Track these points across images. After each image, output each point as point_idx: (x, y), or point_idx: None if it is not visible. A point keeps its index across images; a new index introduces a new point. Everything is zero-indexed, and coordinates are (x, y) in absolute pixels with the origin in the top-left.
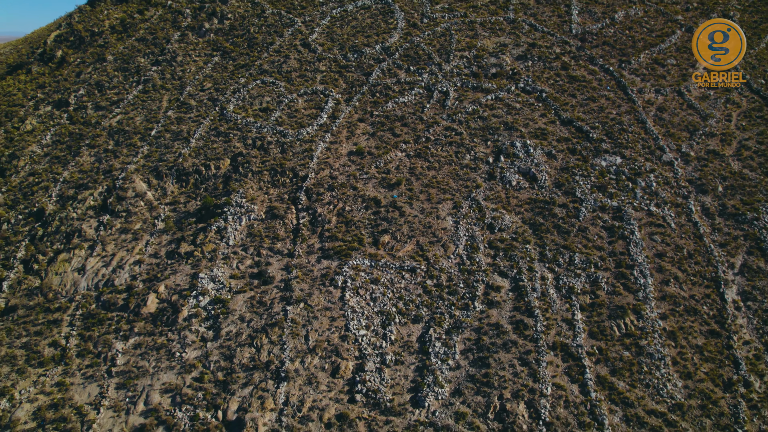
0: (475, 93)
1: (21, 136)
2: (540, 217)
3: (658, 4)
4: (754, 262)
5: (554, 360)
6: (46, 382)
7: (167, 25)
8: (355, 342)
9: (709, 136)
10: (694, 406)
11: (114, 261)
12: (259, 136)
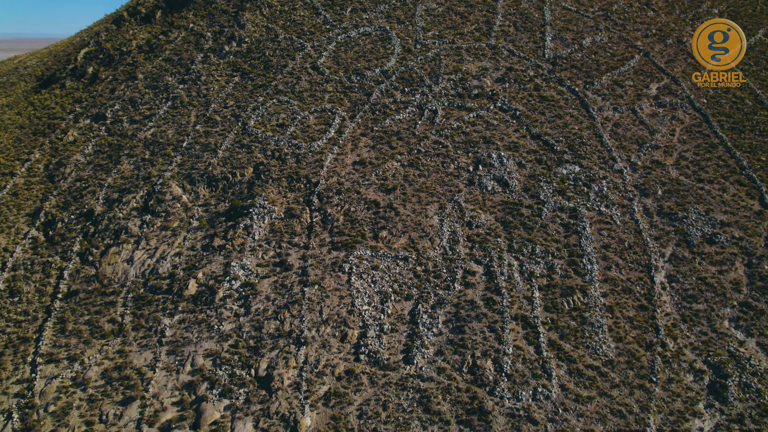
0: (459, 111)
1: (65, 146)
2: (509, 216)
3: (621, 30)
4: (680, 252)
5: (515, 328)
6: (109, 350)
7: (191, 47)
8: (359, 315)
9: (654, 148)
10: (622, 362)
11: (157, 253)
12: (277, 148)
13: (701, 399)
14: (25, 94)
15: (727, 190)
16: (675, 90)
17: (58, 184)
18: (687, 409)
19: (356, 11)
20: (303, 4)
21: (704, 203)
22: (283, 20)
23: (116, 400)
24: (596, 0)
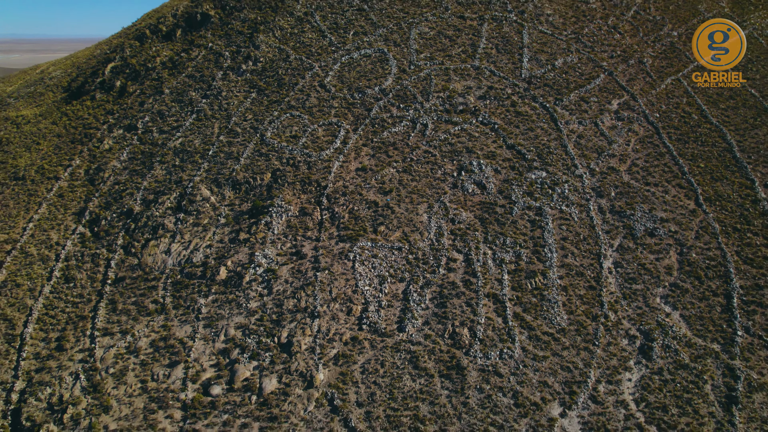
0: (446, 125)
1: (102, 153)
2: (486, 214)
3: (590, 52)
4: (626, 243)
5: (488, 303)
6: (154, 325)
7: (211, 65)
8: (362, 294)
9: (611, 157)
10: (572, 330)
11: (191, 245)
12: (291, 157)
13: (632, 357)
14: (57, 105)
15: (669, 192)
16: (633, 105)
17: (99, 187)
18: (620, 365)
19: (358, 34)
20: (311, 27)
21: (649, 203)
22: (294, 42)
23: (164, 363)
24: (569, 24)
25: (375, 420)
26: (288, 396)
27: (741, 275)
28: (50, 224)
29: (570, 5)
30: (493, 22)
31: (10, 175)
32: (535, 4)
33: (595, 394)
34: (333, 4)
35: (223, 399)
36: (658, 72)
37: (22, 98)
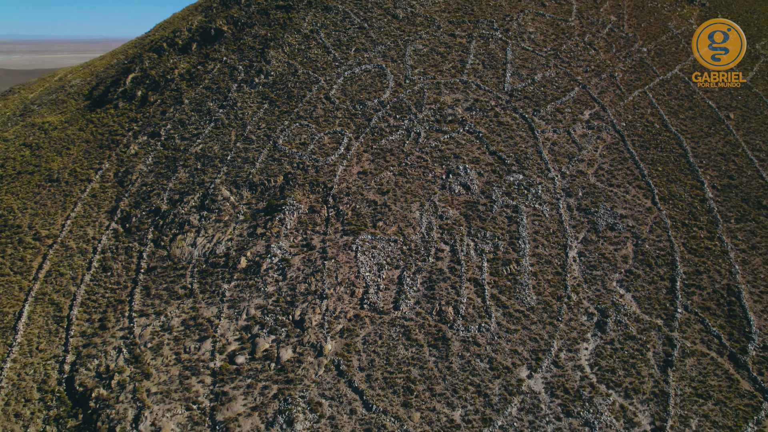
0: (436, 134)
1: (128, 158)
2: (470, 211)
3: (566, 67)
4: (589, 236)
5: (469, 286)
6: (184, 307)
7: (226, 78)
8: (363, 279)
9: (580, 161)
10: (539, 308)
11: (214, 239)
12: (300, 162)
13: (589, 331)
14: (81, 112)
15: (629, 192)
16: (602, 116)
17: (128, 188)
18: (579, 337)
19: (359, 51)
20: (316, 43)
21: (611, 202)
22: (301, 57)
23: (194, 338)
24: (549, 41)
25: (374, 381)
26: (301, 363)
27: (685, 263)
28: (86, 221)
29: (551, 23)
30: (481, 40)
31: (45, 178)
32: (519, 23)
33: (556, 360)
34: (336, 22)
35: (247, 366)
36: (627, 85)
37: (45, 105)
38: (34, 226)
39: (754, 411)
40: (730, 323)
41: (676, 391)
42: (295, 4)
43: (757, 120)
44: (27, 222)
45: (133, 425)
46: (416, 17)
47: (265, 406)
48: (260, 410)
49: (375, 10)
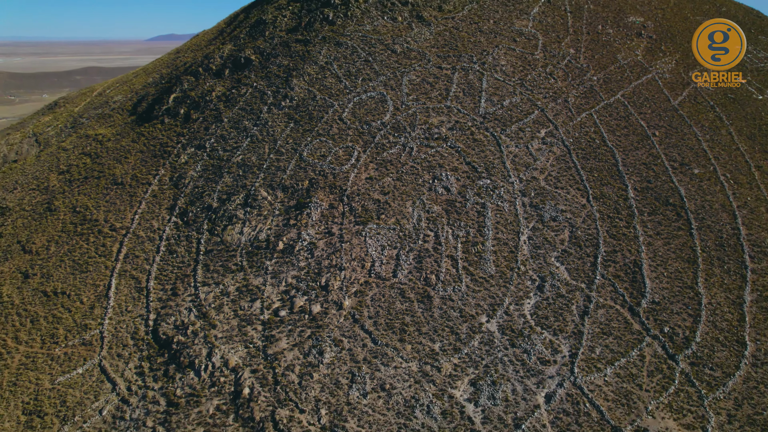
0: (426, 148)
1: (180, 165)
2: (449, 207)
3: (530, 94)
4: (537, 225)
5: (447, 261)
6: (237, 278)
7: (257, 101)
8: (370, 256)
9: (534, 170)
10: (497, 275)
11: (257, 228)
12: (321, 170)
13: (532, 291)
14: (130, 126)
15: (570, 192)
16: (555, 134)
17: (183, 189)
18: (524, 296)
19: (365, 80)
20: (331, 73)
21: (555, 200)
22: (318, 85)
23: (247, 300)
24: (517, 72)
25: (379, 325)
26: (327, 314)
27: (606, 245)
28: (150, 216)
29: (520, 56)
30: (462, 71)
31: (110, 181)
32: (494, 57)
33: (507, 311)
34: (346, 55)
35: (287, 318)
36: (577, 108)
37: (93, 119)
38: (109, 220)
39: (638, 342)
40: (632, 286)
41: (589, 330)
42: (311, 38)
43: (676, 136)
44: (102, 217)
45: (208, 359)
46: (411, 52)
47: (302, 343)
48: (299, 346)
49: (377, 45)
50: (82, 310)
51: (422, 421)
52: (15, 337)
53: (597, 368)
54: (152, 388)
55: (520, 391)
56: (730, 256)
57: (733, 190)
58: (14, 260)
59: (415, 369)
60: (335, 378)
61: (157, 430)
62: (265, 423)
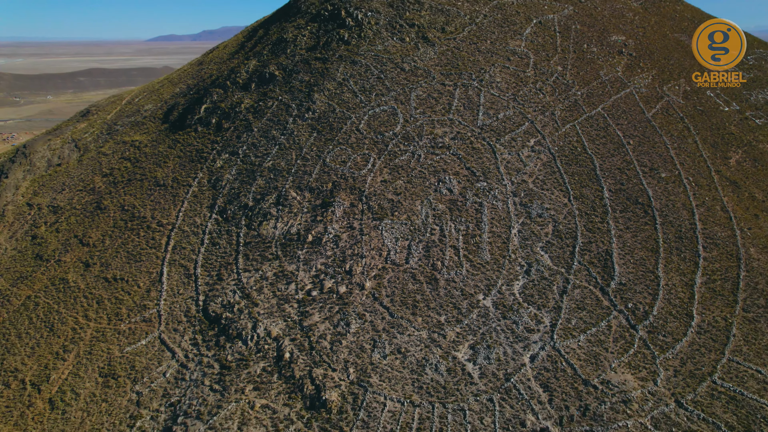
0: (431, 156)
1: (216, 169)
2: (452, 206)
3: (521, 108)
4: (525, 220)
5: (450, 250)
6: (273, 265)
7: (283, 113)
8: (386, 246)
9: (524, 174)
10: (492, 262)
11: (289, 224)
12: (342, 174)
13: (520, 274)
14: (164, 134)
15: (554, 193)
16: (542, 143)
17: (221, 191)
18: (514, 278)
19: (378, 95)
20: (348, 89)
21: (541, 200)
22: (337, 99)
23: (283, 283)
24: (510, 87)
25: (395, 302)
26: (351, 294)
27: (583, 237)
28: (193, 213)
29: (513, 74)
30: (463, 88)
31: (153, 183)
32: (490, 74)
33: (500, 290)
34: (361, 73)
35: (318, 297)
36: (562, 120)
37: (127, 126)
38: (156, 217)
39: (607, 315)
40: (603, 271)
41: (566, 306)
42: (329, 57)
43: (648, 145)
44: (149, 214)
45: (253, 331)
46: (417, 70)
47: (332, 317)
48: (329, 319)
49: (388, 64)
50: (139, 293)
51: (431, 377)
52: (85, 315)
53: (572, 335)
54: (206, 355)
55: (509, 353)
56: (687, 247)
57: (694, 191)
58: (74, 252)
59: (425, 336)
60: (360, 344)
61: (213, 387)
62: (304, 380)
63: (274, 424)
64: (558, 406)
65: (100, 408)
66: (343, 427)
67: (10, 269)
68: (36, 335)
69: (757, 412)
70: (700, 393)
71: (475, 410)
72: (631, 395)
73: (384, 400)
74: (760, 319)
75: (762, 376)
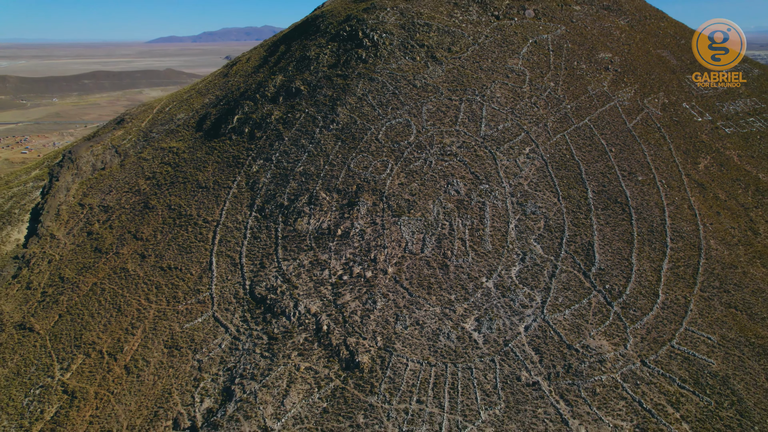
0: (441, 162)
1: (253, 174)
2: (459, 205)
3: (518, 120)
4: (521, 217)
5: (459, 241)
6: (309, 255)
7: (310, 124)
8: (405, 239)
9: (520, 177)
10: (493, 251)
11: (320, 220)
12: (365, 178)
13: (517, 261)
14: (200, 141)
15: (545, 194)
16: (536, 150)
17: (258, 192)
18: (511, 264)
19: (393, 109)
20: (367, 103)
21: (535, 199)
22: (358, 112)
23: (318, 270)
24: (509, 102)
25: (413, 284)
26: (376, 278)
27: (570, 230)
28: (235, 211)
29: (511, 90)
30: (467, 102)
31: (195, 186)
32: (491, 90)
33: (500, 274)
34: (378, 89)
35: (348, 281)
36: (554, 131)
37: (161, 133)
38: (201, 214)
39: (588, 294)
40: (586, 258)
41: (554, 287)
42: (349, 74)
43: (628, 152)
44: (195, 212)
45: (294, 309)
46: (428, 86)
47: (361, 296)
48: (359, 298)
49: (402, 81)
50: (193, 279)
51: (444, 343)
52: (146, 298)
53: (559, 310)
54: (255, 329)
55: (507, 324)
56: (657, 239)
57: (666, 192)
58: (130, 245)
59: (438, 311)
60: (385, 318)
61: (263, 354)
62: (339, 347)
63: (317, 381)
64: (547, 365)
65: (168, 373)
66: (374, 383)
67: (73, 261)
68: (106, 315)
69: (705, 369)
70: (661, 354)
71: (480, 369)
72: (605, 356)
73: (406, 362)
74: (714, 298)
75: (711, 341)
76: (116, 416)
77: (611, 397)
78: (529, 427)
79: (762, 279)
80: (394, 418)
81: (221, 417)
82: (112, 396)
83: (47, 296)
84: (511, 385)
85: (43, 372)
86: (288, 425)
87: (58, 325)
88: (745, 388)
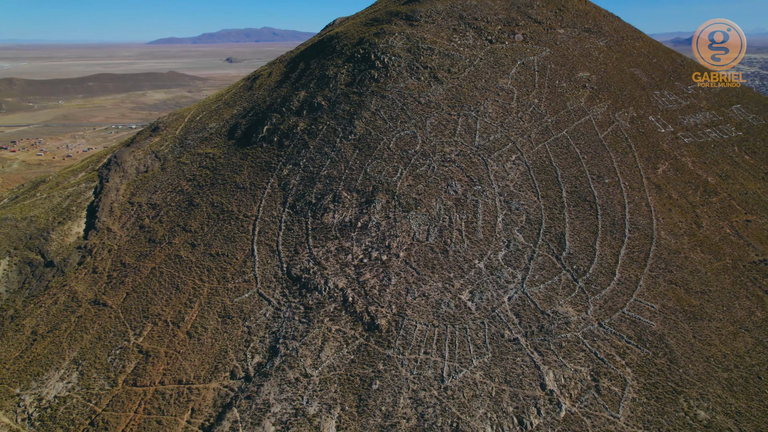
0: (442, 167)
1: (284, 176)
2: (457, 202)
3: (507, 132)
4: (507, 213)
5: (456, 232)
6: (335, 242)
7: (331, 135)
8: (413, 229)
9: (507, 180)
10: (483, 239)
11: (343, 215)
12: (379, 180)
13: (503, 247)
14: (234, 148)
15: (527, 194)
16: (521, 158)
17: (289, 192)
18: (498, 250)
19: (402, 122)
20: (379, 117)
21: (519, 198)
22: (372, 125)
23: (343, 254)
24: (499, 116)
25: (420, 265)
26: (391, 260)
27: (546, 223)
28: (270, 208)
29: (501, 106)
30: (464, 117)
31: (233, 187)
32: (484, 106)
33: (489, 258)
34: (388, 105)
35: (368, 263)
36: (536, 141)
37: (196, 141)
38: (241, 210)
39: (559, 272)
40: (558, 245)
41: (532, 267)
42: (363, 91)
43: (598, 159)
44: (235, 209)
45: (325, 285)
46: (431, 103)
47: (378, 275)
48: (377, 276)
49: (409, 98)
50: (238, 263)
51: (445, 310)
52: (200, 279)
53: (535, 285)
54: (293, 302)
55: (495, 295)
56: (617, 230)
57: (628, 192)
58: (180, 236)
59: (440, 286)
60: (398, 291)
61: (301, 320)
62: (362, 314)
63: (345, 340)
64: (524, 325)
65: (223, 336)
66: (390, 340)
67: (131, 250)
68: (167, 292)
69: (647, 329)
70: (614, 318)
71: (473, 329)
72: (570, 319)
73: (415, 324)
74: (659, 276)
75: (653, 309)
76: (184, 369)
77: (574, 349)
78: (510, 370)
79: (699, 262)
80: (406, 366)
81: (270, 368)
82: (179, 354)
83: (113, 279)
84: (496, 341)
85: (120, 337)
86: (324, 372)
87: (127, 301)
88: (676, 343)
